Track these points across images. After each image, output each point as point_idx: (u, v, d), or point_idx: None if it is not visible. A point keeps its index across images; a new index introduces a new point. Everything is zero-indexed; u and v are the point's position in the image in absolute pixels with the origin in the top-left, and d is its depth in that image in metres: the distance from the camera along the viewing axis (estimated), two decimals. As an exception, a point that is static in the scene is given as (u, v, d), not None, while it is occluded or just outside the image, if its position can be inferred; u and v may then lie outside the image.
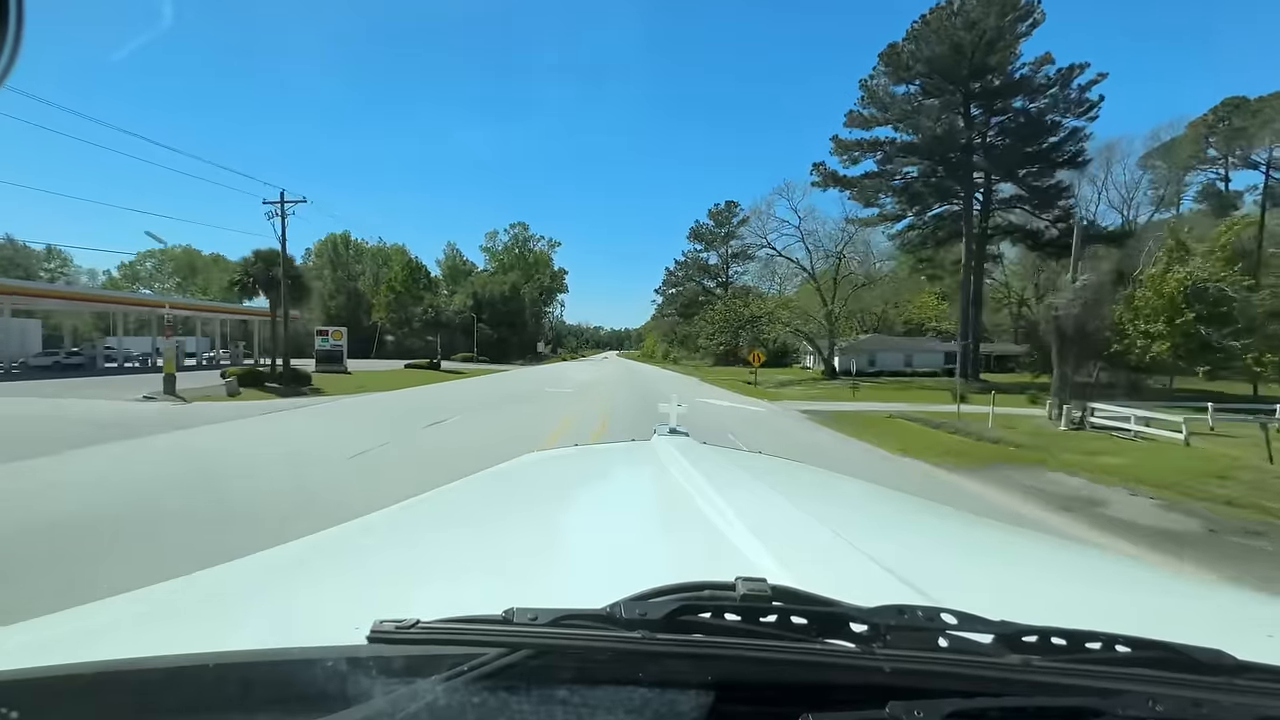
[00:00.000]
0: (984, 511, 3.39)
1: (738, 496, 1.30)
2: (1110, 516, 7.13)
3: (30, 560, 4.60)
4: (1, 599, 3.90)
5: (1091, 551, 1.51)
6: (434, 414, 15.57)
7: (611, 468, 2.09)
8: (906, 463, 10.55)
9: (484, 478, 1.90)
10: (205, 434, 11.98)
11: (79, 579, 4.15)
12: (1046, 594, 0.96)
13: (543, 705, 0.46)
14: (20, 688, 0.50)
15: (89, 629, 0.81)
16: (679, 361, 76.04)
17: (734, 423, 15.31)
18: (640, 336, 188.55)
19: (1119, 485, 8.60)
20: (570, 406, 19.20)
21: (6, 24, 0.61)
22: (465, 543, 1.22)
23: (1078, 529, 6.69)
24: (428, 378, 34.49)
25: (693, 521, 1.17)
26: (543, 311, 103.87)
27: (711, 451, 2.16)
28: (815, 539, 1.05)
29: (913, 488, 7.09)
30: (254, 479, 7.78)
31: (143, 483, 7.47)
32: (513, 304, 79.55)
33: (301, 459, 9.39)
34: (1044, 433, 14.28)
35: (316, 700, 0.47)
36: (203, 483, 7.53)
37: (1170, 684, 0.48)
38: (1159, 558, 5.60)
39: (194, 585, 0.98)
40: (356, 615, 0.57)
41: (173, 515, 5.82)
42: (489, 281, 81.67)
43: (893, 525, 1.48)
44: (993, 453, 11.44)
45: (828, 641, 0.52)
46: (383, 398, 21.99)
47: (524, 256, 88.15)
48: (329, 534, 1.28)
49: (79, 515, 5.82)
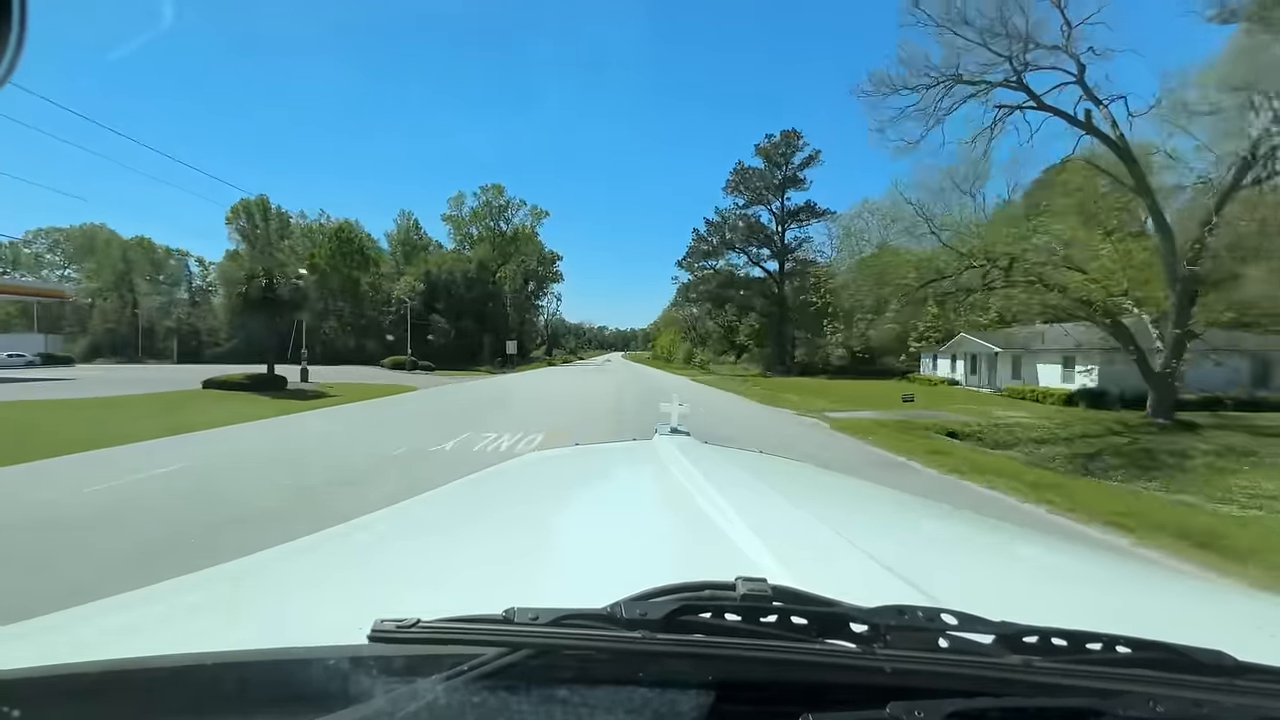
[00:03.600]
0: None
1: (738, 496, 1.31)
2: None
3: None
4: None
5: (1093, 552, 1.45)
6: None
7: (612, 467, 2.08)
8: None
9: (484, 477, 1.92)
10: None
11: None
12: (1047, 594, 0.96)
13: (543, 705, 0.46)
14: (22, 687, 0.50)
15: (91, 629, 0.81)
16: (708, 367, 55.41)
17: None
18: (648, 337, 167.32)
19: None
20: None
21: (9, 23, 0.60)
22: (466, 542, 1.22)
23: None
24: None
25: (693, 521, 1.17)
26: (530, 303, 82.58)
27: (712, 451, 2.14)
28: (815, 538, 1.05)
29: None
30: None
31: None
32: (478, 289, 58.80)
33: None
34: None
35: (317, 699, 0.47)
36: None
37: (1171, 685, 0.48)
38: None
39: (194, 585, 0.99)
40: (357, 614, 0.56)
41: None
42: (446, 260, 60.74)
43: (893, 525, 1.48)
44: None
45: (828, 642, 0.52)
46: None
47: (500, 230, 66.58)
48: (329, 533, 1.29)
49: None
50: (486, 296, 60.88)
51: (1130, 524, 5.86)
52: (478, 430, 12.01)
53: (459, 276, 57.88)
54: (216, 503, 6.22)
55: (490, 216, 65.60)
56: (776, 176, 47.90)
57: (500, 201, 65.87)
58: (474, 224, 65.65)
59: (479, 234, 65.48)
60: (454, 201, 65.77)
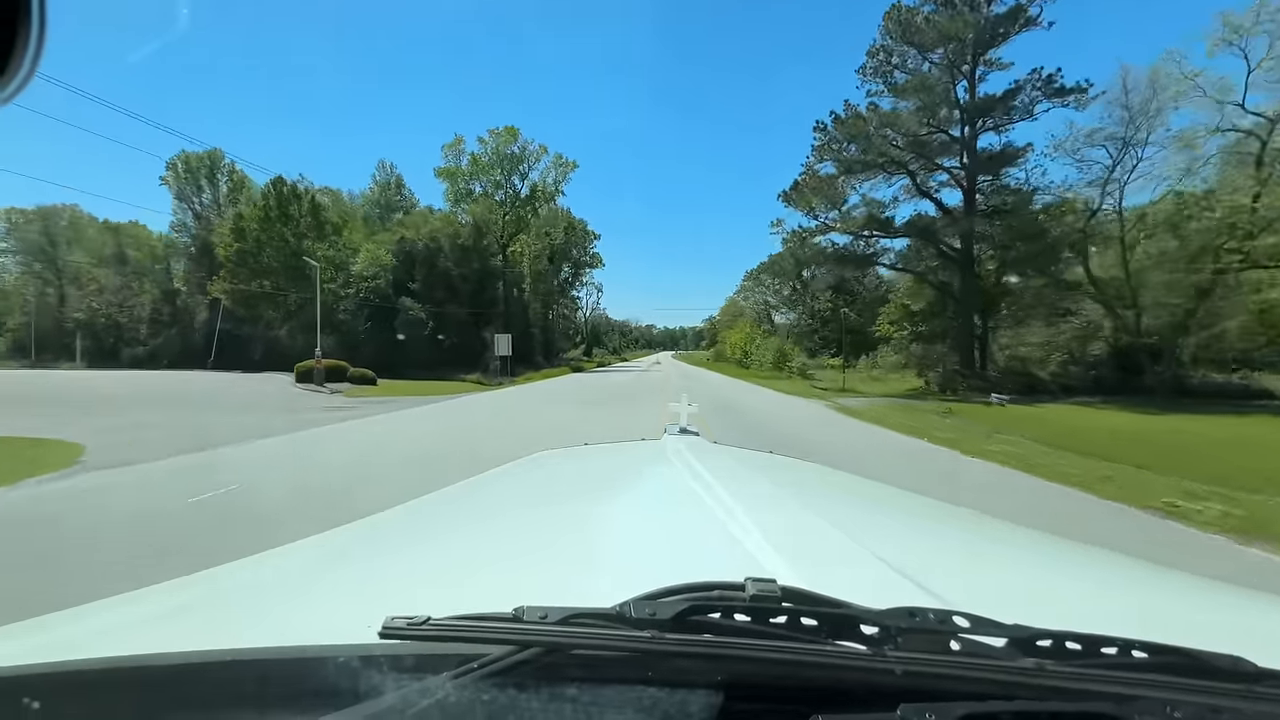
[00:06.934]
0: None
1: (748, 496, 1.30)
2: None
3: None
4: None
5: (1107, 555, 1.40)
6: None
7: (621, 466, 2.04)
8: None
9: (493, 476, 1.92)
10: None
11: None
12: (1061, 598, 0.94)
13: (552, 703, 0.47)
14: (40, 681, 0.51)
15: (105, 625, 0.83)
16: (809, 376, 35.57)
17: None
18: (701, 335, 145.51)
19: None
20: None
21: (29, 27, 0.61)
22: (475, 540, 1.22)
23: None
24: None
25: (702, 521, 1.15)
26: (556, 289, 64.11)
27: (722, 451, 2.13)
28: (825, 539, 1.05)
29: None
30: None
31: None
32: (470, 263, 40.87)
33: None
34: None
35: (329, 696, 0.48)
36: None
37: (1188, 690, 0.48)
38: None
39: (206, 583, 1.00)
40: (368, 612, 0.57)
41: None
42: (429, 223, 42.91)
43: (904, 526, 1.44)
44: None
45: (838, 643, 0.52)
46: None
47: (513, 188, 48.30)
48: (340, 532, 1.30)
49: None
50: (487, 274, 42.87)
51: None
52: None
53: (447, 246, 40.09)
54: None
55: (500, 168, 47.23)
56: (964, 31, 24.42)
57: (514, 148, 47.31)
58: (477, 178, 47.38)
59: (484, 191, 47.33)
60: (450, 149, 47.12)
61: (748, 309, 69.73)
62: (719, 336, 78.51)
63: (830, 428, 13.91)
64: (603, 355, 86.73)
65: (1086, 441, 11.25)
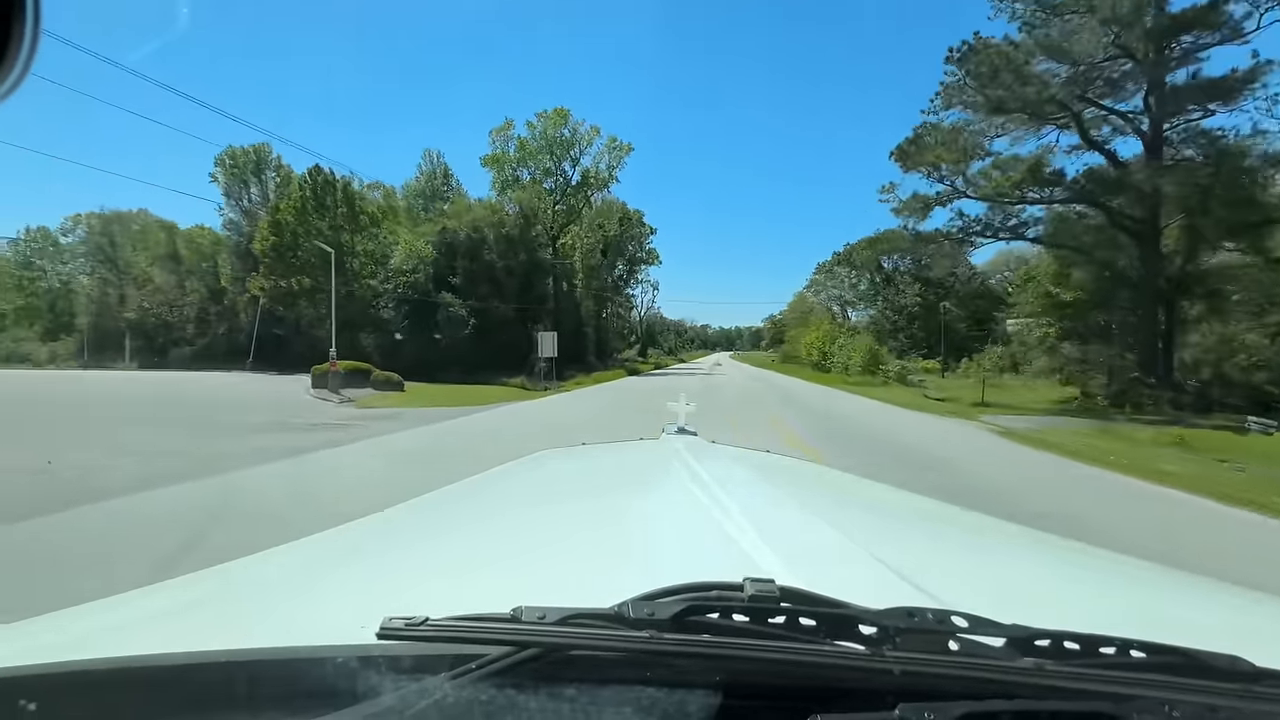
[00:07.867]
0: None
1: (746, 496, 1.30)
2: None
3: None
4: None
5: (1106, 555, 1.41)
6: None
7: (620, 466, 2.04)
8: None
9: (492, 476, 1.90)
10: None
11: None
12: (1060, 597, 0.94)
13: (550, 703, 0.47)
14: (36, 682, 0.51)
15: (101, 625, 0.82)
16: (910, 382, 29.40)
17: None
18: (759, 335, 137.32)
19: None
20: None
21: (24, 24, 0.61)
22: (473, 540, 1.22)
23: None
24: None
25: (701, 521, 1.15)
26: (617, 290, 59.80)
27: (720, 451, 2.11)
28: (824, 540, 1.05)
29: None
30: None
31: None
32: (516, 254, 36.97)
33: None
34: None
35: (326, 697, 0.47)
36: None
37: (1186, 690, 0.47)
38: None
39: (203, 583, 1.00)
40: (365, 612, 0.57)
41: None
42: (472, 213, 39.17)
43: (903, 526, 1.44)
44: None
45: (837, 643, 0.52)
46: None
47: (564, 175, 44.21)
48: (337, 531, 1.29)
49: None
50: (535, 268, 38.96)
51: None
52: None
53: (491, 236, 36.39)
54: None
55: (549, 153, 43.31)
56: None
57: (564, 131, 43.29)
58: (524, 165, 43.65)
59: (533, 178, 43.49)
60: (498, 134, 43.78)
61: (818, 306, 63.11)
62: (786, 335, 71.76)
63: (1064, 480, 8.52)
64: (658, 356, 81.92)
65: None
